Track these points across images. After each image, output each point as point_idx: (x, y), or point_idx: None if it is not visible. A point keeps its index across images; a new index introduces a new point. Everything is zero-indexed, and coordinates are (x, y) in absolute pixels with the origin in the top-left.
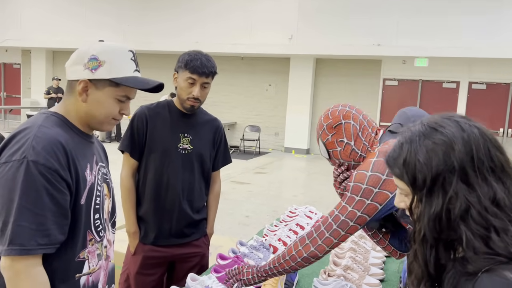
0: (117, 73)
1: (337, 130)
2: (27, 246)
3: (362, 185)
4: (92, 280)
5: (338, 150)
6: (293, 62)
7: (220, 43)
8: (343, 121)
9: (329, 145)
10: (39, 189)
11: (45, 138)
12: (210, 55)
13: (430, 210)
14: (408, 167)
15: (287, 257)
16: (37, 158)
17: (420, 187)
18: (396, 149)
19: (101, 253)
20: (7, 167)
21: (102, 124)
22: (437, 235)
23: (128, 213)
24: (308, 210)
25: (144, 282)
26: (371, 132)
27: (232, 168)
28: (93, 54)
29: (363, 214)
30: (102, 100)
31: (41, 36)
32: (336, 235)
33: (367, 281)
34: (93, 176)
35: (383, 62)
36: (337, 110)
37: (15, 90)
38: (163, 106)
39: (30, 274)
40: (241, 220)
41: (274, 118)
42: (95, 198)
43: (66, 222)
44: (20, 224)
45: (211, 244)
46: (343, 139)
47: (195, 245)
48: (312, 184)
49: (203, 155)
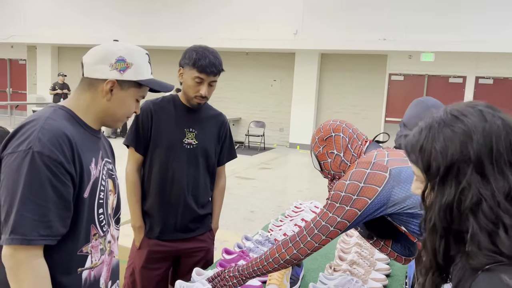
0: (141, 76)
1: (327, 142)
2: (29, 236)
3: (341, 192)
4: (94, 274)
5: (328, 161)
6: (298, 57)
7: (225, 38)
8: (333, 133)
9: (320, 157)
10: (43, 181)
11: (51, 130)
12: (216, 50)
13: (441, 199)
14: (424, 154)
15: (270, 259)
16: (43, 150)
17: (434, 175)
18: (415, 134)
19: (104, 248)
20: (12, 157)
21: (118, 122)
22: (447, 225)
23: (133, 208)
24: (313, 205)
25: (149, 276)
26: (360, 144)
27: (237, 163)
28: (120, 56)
29: (343, 219)
30: (126, 99)
31: (46, 32)
32: (317, 239)
33: (373, 276)
34: (98, 170)
35: (389, 57)
36: (328, 124)
37: (21, 86)
38: (168, 101)
39: (31, 265)
40: (246, 215)
41: (279, 114)
42: (99, 192)
43: (68, 215)
44: (22, 214)
45: (216, 239)
46: (333, 150)
47: (200, 240)
48: (317, 179)
49: (208, 150)
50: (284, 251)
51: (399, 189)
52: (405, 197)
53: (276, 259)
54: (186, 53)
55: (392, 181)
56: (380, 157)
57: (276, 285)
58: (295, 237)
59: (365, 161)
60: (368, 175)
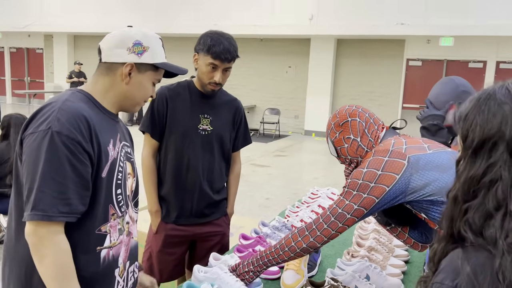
0: (157, 59)
1: (344, 127)
2: (49, 212)
3: (358, 180)
4: (112, 253)
5: (345, 147)
6: (313, 43)
7: (240, 24)
8: (349, 118)
9: (337, 142)
10: (61, 159)
11: (69, 111)
12: (231, 36)
13: (469, 171)
14: (465, 123)
15: (286, 248)
16: (61, 129)
17: (468, 146)
18: (466, 103)
19: (122, 228)
20: (33, 137)
21: (136, 105)
22: (467, 198)
23: (149, 192)
24: (330, 192)
25: (166, 260)
26: (376, 129)
27: (251, 151)
28: (137, 39)
29: (360, 207)
30: (143, 82)
31: (63, 20)
32: (334, 227)
33: (392, 262)
34: (116, 152)
35: (407, 42)
36: (343, 109)
37: (39, 75)
38: (183, 87)
39: (52, 241)
40: (261, 202)
41: (293, 101)
42: (117, 173)
43: (87, 194)
44: (43, 190)
45: (233, 224)
46: (349, 136)
47: (215, 224)
48: (333, 166)
49: (223, 136)
50: (300, 239)
51: (418, 176)
52: (424, 185)
53: (292, 248)
54: (201, 39)
55: (410, 168)
56: (398, 145)
57: (294, 270)
58: (311, 225)
59: (382, 149)
60: (386, 163)
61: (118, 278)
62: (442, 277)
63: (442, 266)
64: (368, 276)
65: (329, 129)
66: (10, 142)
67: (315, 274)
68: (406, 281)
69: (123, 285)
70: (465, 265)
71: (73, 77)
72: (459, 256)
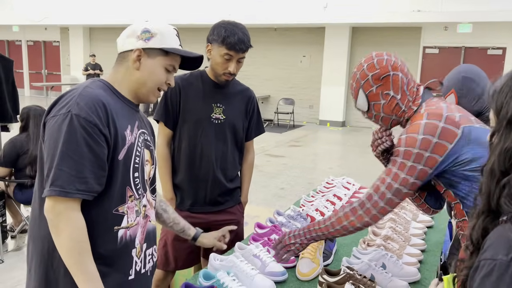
0: (167, 44)
1: (384, 81)
2: (66, 189)
3: (413, 149)
4: (129, 234)
5: (381, 103)
6: (328, 32)
7: (253, 14)
8: (391, 72)
9: (372, 97)
10: (79, 140)
11: (89, 96)
12: (244, 26)
13: (504, 143)
14: (499, 96)
15: (338, 227)
16: (80, 112)
17: (503, 118)
18: (502, 78)
19: (139, 210)
20: (54, 119)
21: (149, 93)
22: (504, 169)
23: (164, 180)
24: (345, 181)
25: (180, 247)
26: (413, 86)
27: (266, 141)
28: (145, 27)
29: (415, 180)
30: (154, 68)
31: (78, 13)
32: (391, 204)
33: (408, 251)
34: (133, 137)
35: (423, 29)
36: (383, 60)
37: (55, 67)
38: (196, 77)
39: (69, 217)
40: (276, 192)
41: (308, 90)
42: (134, 157)
43: (103, 174)
44: (61, 168)
45: (248, 214)
46: (389, 91)
47: (229, 212)
48: (348, 156)
49: (235, 125)
50: (353, 219)
51: (468, 149)
52: (471, 160)
53: (344, 227)
54: (215, 29)
55: (463, 140)
56: (451, 111)
57: (309, 259)
58: (364, 204)
59: (435, 113)
60: (442, 130)
61: (136, 259)
62: (493, 253)
63: (490, 242)
64: (384, 265)
65: (364, 80)
66: (29, 134)
67: (330, 262)
68: (423, 270)
69: (140, 266)
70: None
71: (88, 69)
72: (510, 229)
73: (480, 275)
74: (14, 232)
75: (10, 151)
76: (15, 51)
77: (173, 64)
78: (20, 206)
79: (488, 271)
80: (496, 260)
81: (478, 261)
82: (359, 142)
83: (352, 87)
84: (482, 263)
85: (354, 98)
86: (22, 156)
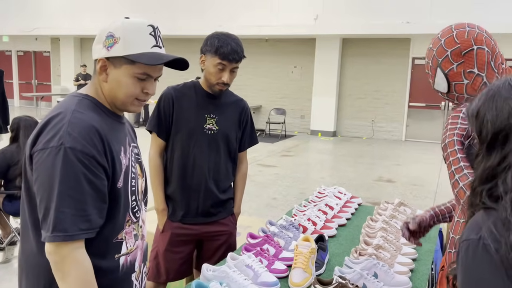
0: (132, 50)
1: (466, 58)
2: (70, 232)
3: None
4: (130, 259)
5: (464, 83)
6: (318, 43)
7: (244, 25)
8: (475, 46)
9: (453, 76)
10: (78, 176)
11: (80, 124)
12: (237, 37)
13: (486, 163)
14: (477, 120)
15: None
16: (74, 145)
17: (483, 140)
18: (476, 100)
19: (137, 233)
20: (44, 153)
21: (125, 104)
22: (485, 186)
23: (156, 191)
24: (337, 191)
25: (172, 258)
26: (501, 62)
27: (258, 151)
28: (110, 32)
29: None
30: (120, 78)
31: (69, 23)
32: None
33: (400, 260)
34: (127, 158)
35: (412, 41)
36: (465, 32)
37: (46, 78)
38: (189, 87)
39: (75, 259)
40: (268, 202)
41: (299, 101)
42: (130, 180)
43: (104, 206)
44: (62, 210)
45: (240, 224)
46: (473, 69)
47: (222, 224)
48: (339, 166)
49: (228, 136)
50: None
51: None
52: None
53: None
54: (208, 40)
55: None
56: None
57: (302, 268)
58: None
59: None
60: None
61: (135, 282)
62: (467, 234)
63: (466, 227)
64: (376, 274)
65: (442, 57)
66: (19, 144)
67: (323, 272)
68: (414, 279)
69: (138, 287)
70: (486, 219)
71: (79, 79)
72: (480, 215)
73: (460, 256)
74: (3, 244)
75: (0, 162)
76: (5, 61)
77: (145, 72)
78: (9, 217)
79: (464, 250)
80: (469, 240)
81: (458, 244)
82: (350, 152)
83: (427, 66)
84: (460, 246)
85: (431, 79)
86: (12, 167)
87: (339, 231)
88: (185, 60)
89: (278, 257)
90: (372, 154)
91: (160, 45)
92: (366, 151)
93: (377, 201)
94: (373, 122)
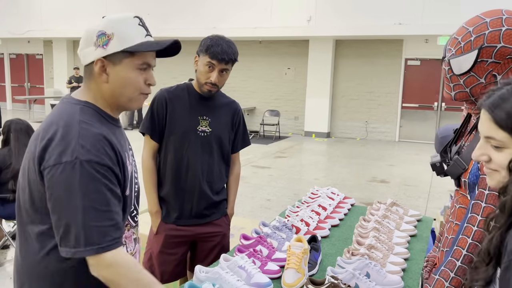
0: (129, 42)
1: (505, 63)
2: (103, 244)
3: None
4: None
5: (479, 81)
6: (312, 44)
7: (238, 27)
8: None
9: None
10: (99, 188)
11: (91, 135)
12: (232, 41)
13: None
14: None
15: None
16: (90, 157)
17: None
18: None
19: (137, 237)
20: (58, 169)
21: (131, 101)
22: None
23: (149, 193)
24: (330, 192)
25: (166, 260)
26: None
27: (252, 152)
28: (99, 30)
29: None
30: (124, 74)
31: (62, 26)
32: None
33: (392, 260)
34: (130, 164)
35: (405, 42)
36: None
37: (38, 80)
38: (183, 89)
39: (118, 263)
40: (262, 203)
41: (293, 102)
42: (134, 185)
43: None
44: (90, 225)
45: (234, 226)
46: (499, 76)
47: (215, 225)
48: (333, 167)
49: (221, 138)
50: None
51: None
52: None
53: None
54: (202, 41)
55: None
56: None
57: (295, 269)
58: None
59: None
60: None
61: None
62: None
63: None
64: (368, 273)
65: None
66: (11, 148)
67: (315, 272)
68: (406, 278)
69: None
70: None
71: (72, 82)
72: None
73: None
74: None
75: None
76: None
77: (146, 61)
78: (1, 221)
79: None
80: None
81: (508, 262)
82: (344, 153)
83: (465, 38)
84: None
85: (456, 53)
86: (4, 170)
87: (332, 231)
88: (179, 42)
89: (271, 258)
90: (366, 154)
91: (150, 34)
92: (360, 152)
93: (371, 202)
94: (367, 123)
